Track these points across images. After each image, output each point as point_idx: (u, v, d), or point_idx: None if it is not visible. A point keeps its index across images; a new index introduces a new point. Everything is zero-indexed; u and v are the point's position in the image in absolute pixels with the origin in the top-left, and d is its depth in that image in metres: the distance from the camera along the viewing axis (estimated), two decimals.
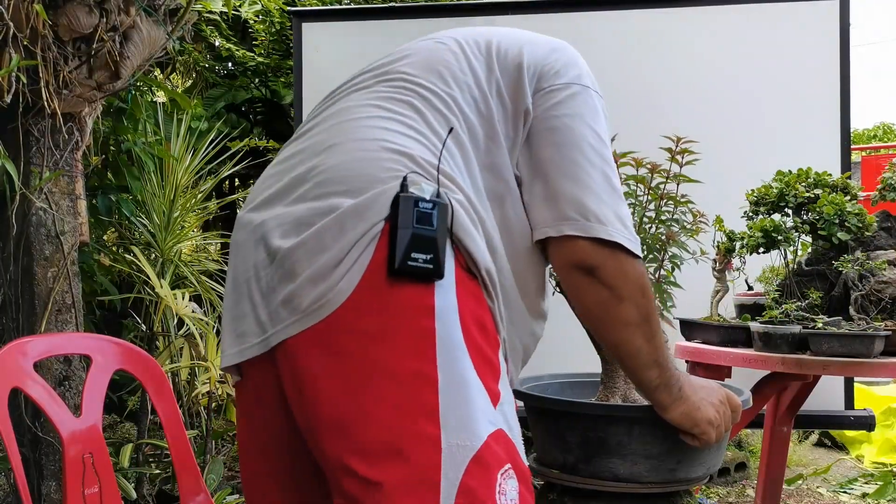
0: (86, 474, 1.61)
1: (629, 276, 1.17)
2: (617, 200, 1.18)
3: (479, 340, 1.03)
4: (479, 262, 1.07)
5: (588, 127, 1.20)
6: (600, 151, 1.19)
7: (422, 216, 1.00)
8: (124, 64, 2.39)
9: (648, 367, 1.23)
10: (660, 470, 1.38)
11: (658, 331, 1.23)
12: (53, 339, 1.86)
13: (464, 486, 0.96)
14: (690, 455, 1.38)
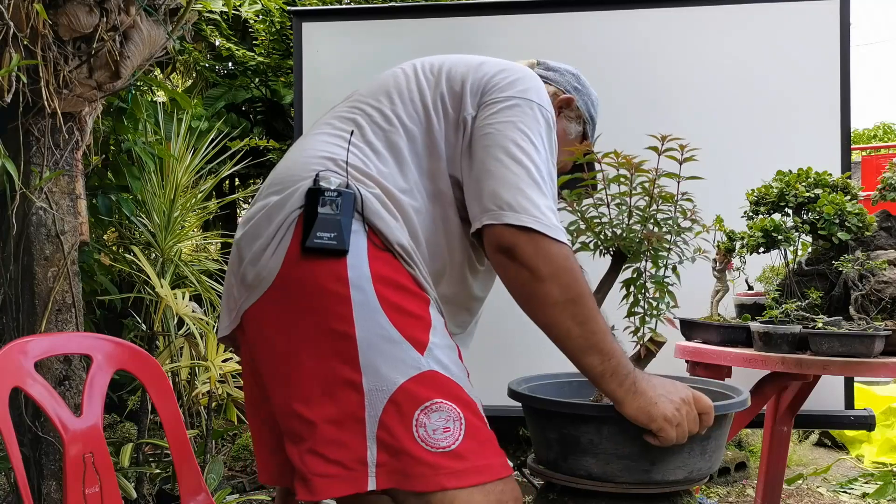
0: (86, 474, 1.61)
1: (548, 256, 1.25)
2: (537, 192, 1.28)
3: (397, 301, 1.24)
4: (391, 239, 1.27)
5: (518, 130, 1.33)
6: (526, 150, 1.31)
7: (326, 202, 1.23)
8: (124, 63, 2.39)
9: (585, 353, 1.27)
10: (633, 470, 1.37)
11: (592, 316, 1.27)
12: (54, 338, 1.86)
13: (382, 422, 1.20)
14: (664, 456, 1.36)
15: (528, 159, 1.30)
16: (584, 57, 2.96)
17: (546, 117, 1.38)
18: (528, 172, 1.29)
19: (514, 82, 1.39)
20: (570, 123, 1.63)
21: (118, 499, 1.66)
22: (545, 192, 1.29)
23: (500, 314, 2.93)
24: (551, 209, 1.29)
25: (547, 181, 1.32)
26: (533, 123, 1.35)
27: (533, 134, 1.33)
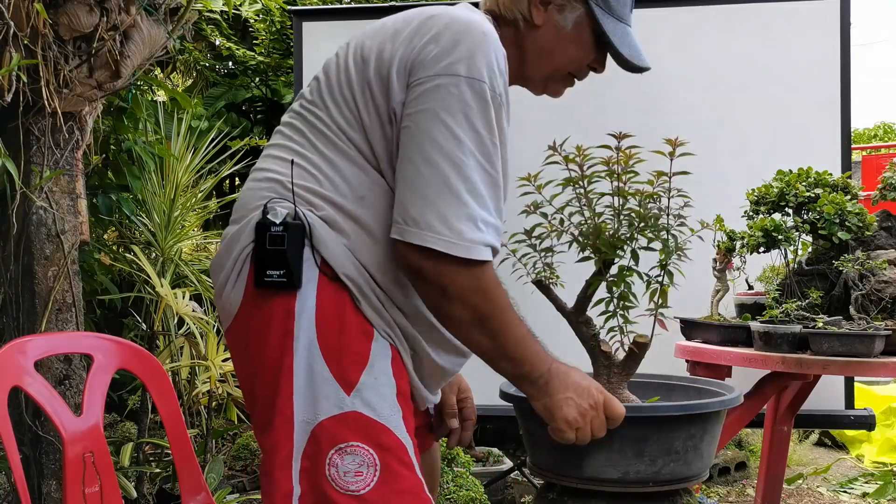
0: (86, 473, 1.60)
1: (453, 281, 1.20)
2: (450, 202, 1.18)
3: (334, 338, 1.22)
4: (337, 271, 1.23)
5: (439, 122, 1.19)
6: (445, 148, 1.18)
7: (275, 238, 1.21)
8: (125, 63, 2.39)
9: (497, 361, 1.29)
10: (563, 464, 1.44)
11: (504, 328, 1.26)
12: (54, 338, 1.86)
13: (305, 453, 1.21)
14: (588, 453, 1.39)
15: (446, 159, 1.18)
16: None
17: (480, 91, 1.20)
18: (443, 178, 1.18)
19: (443, 52, 1.21)
20: (563, 16, 1.37)
21: (118, 498, 1.66)
22: (464, 198, 1.18)
23: None
24: (469, 217, 1.18)
25: (473, 179, 1.19)
26: (459, 107, 1.19)
27: (457, 122, 1.19)
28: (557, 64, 1.41)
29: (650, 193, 1.54)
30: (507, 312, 1.27)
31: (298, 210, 1.24)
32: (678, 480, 1.44)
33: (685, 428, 1.42)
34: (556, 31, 1.38)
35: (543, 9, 1.37)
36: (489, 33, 1.26)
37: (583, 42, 1.39)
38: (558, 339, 1.55)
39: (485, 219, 1.21)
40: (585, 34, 1.38)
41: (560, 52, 1.40)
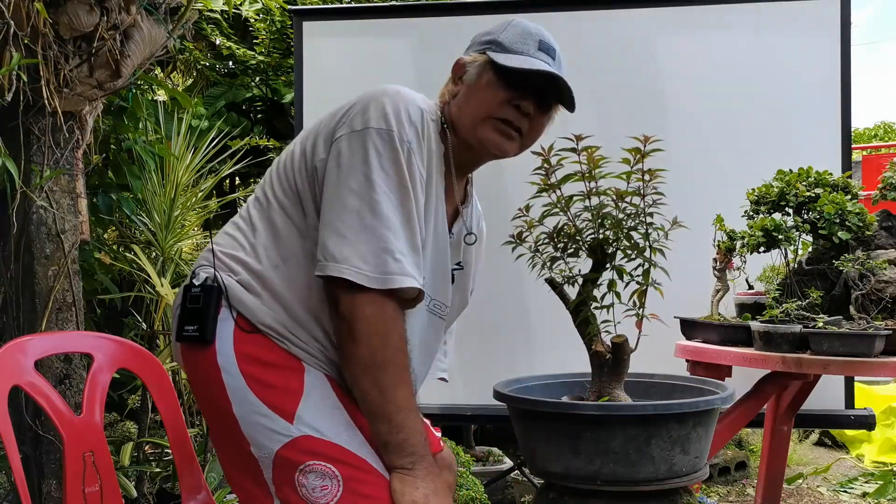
0: (86, 473, 1.60)
1: (363, 315, 1.27)
2: (364, 238, 1.27)
3: (263, 377, 1.33)
4: (255, 321, 1.35)
5: (353, 169, 1.31)
6: (358, 191, 1.29)
7: (194, 297, 1.36)
8: (125, 62, 2.39)
9: (376, 418, 1.30)
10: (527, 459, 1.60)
11: (393, 385, 1.28)
12: (54, 337, 1.85)
13: (275, 481, 1.32)
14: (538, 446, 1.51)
15: (360, 200, 1.29)
16: (585, 56, 2.96)
17: (388, 139, 1.32)
18: (359, 217, 1.28)
19: (357, 113, 1.36)
20: (468, 72, 1.48)
21: (118, 498, 1.65)
22: (379, 233, 1.28)
23: (500, 315, 2.94)
24: (384, 250, 1.27)
25: (387, 216, 1.29)
26: (370, 154, 1.31)
27: (369, 168, 1.30)
28: (473, 111, 1.46)
29: (622, 192, 1.55)
30: (404, 371, 1.30)
31: (217, 274, 1.37)
32: (622, 482, 1.47)
33: (622, 430, 1.44)
34: (467, 86, 1.48)
35: (458, 79, 1.51)
36: (402, 92, 1.39)
37: (487, 82, 1.45)
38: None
39: (401, 251, 1.29)
40: (487, 74, 1.46)
41: (471, 99, 1.47)
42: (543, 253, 1.64)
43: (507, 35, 1.48)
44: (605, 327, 1.58)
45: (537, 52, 1.47)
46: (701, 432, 1.50)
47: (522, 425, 1.59)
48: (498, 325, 2.94)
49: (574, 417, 1.46)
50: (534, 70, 1.42)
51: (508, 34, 1.49)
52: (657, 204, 1.55)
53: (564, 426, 1.47)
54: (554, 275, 1.63)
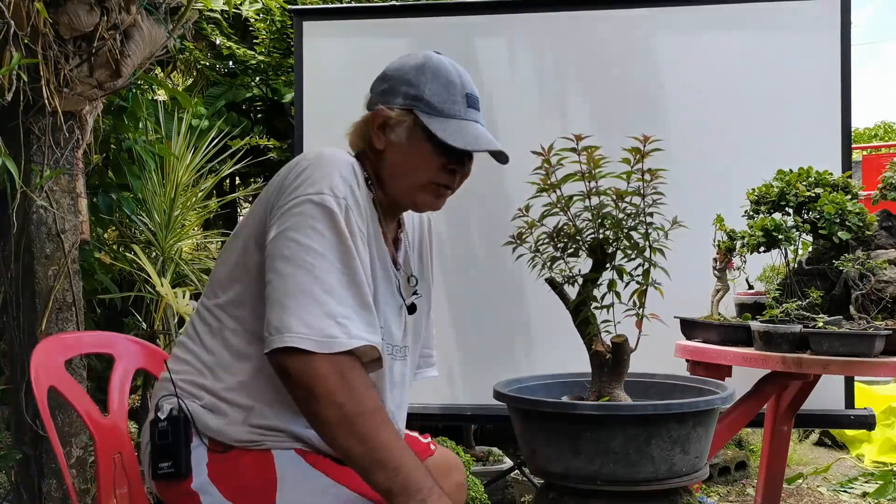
0: (116, 474, 1.59)
1: (317, 375, 1.23)
2: (305, 304, 1.24)
3: (240, 485, 1.33)
4: (227, 442, 1.35)
5: (288, 240, 1.29)
6: (294, 259, 1.27)
7: (162, 433, 1.34)
8: (125, 62, 2.39)
9: (370, 471, 1.23)
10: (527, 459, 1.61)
11: (374, 432, 1.23)
12: (83, 337, 1.85)
13: None
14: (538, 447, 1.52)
15: (298, 268, 1.26)
16: (584, 56, 2.96)
17: (322, 202, 1.30)
18: (298, 284, 1.25)
19: (290, 185, 1.34)
20: (396, 132, 1.44)
21: (143, 498, 1.63)
22: (319, 298, 1.25)
23: (501, 315, 2.95)
24: (327, 314, 1.24)
25: (327, 280, 1.27)
26: (305, 222, 1.29)
27: (305, 235, 1.28)
28: (411, 179, 1.45)
29: (622, 192, 1.55)
30: (377, 415, 1.25)
31: (181, 403, 1.36)
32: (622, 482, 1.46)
33: (622, 430, 1.44)
34: (397, 148, 1.44)
35: (381, 133, 1.45)
36: (332, 154, 1.38)
37: (422, 150, 1.43)
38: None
39: (345, 314, 1.26)
40: (421, 142, 1.43)
41: (405, 165, 1.45)
42: (543, 253, 1.64)
43: (433, 90, 1.43)
44: (605, 327, 1.58)
45: (468, 110, 1.45)
46: (701, 432, 1.50)
47: (522, 425, 1.59)
48: (498, 325, 2.94)
49: (574, 417, 1.46)
50: (480, 150, 1.43)
51: (434, 89, 1.43)
52: (657, 204, 1.55)
53: (564, 426, 1.47)
54: (554, 275, 1.63)
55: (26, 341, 2.37)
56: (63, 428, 2.37)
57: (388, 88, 1.46)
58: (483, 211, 2.96)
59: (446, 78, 1.44)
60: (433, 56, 1.47)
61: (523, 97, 2.97)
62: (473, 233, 2.98)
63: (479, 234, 2.98)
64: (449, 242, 2.98)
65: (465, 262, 2.97)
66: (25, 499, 2.39)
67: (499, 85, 2.97)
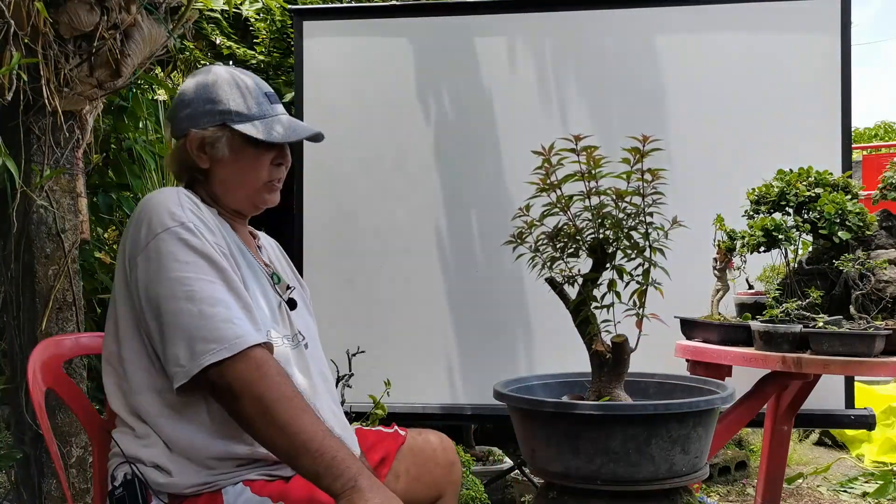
0: None
1: (234, 374, 1.26)
2: (198, 325, 1.28)
3: None
4: (182, 493, 1.35)
5: (156, 281, 1.32)
6: (171, 293, 1.30)
7: (119, 500, 1.35)
8: (125, 62, 2.39)
9: (295, 457, 1.25)
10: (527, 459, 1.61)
11: (293, 418, 1.25)
12: (81, 338, 1.84)
13: None
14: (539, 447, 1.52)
15: (175, 300, 1.30)
16: (584, 56, 2.96)
17: (171, 234, 1.34)
18: (182, 312, 1.29)
19: (135, 235, 1.38)
20: (217, 148, 1.49)
21: None
22: (209, 312, 1.28)
23: (501, 315, 2.95)
24: (224, 320, 1.28)
25: (208, 295, 1.30)
26: (163, 260, 1.33)
27: (169, 270, 1.32)
28: (247, 185, 1.52)
29: (622, 192, 1.54)
30: (295, 401, 1.27)
31: (132, 467, 1.37)
32: (622, 482, 1.46)
33: (622, 430, 1.44)
34: (224, 163, 1.50)
35: (202, 153, 1.50)
36: (159, 192, 1.42)
37: (248, 156, 1.50)
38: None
39: (238, 316, 1.30)
40: (244, 149, 1.50)
41: (240, 175, 1.51)
42: (543, 253, 1.64)
43: (236, 100, 1.50)
44: (605, 327, 1.58)
45: (272, 106, 1.53)
46: (701, 432, 1.50)
47: (522, 425, 1.59)
48: (498, 325, 2.94)
49: (574, 417, 1.46)
50: (301, 138, 1.52)
51: (236, 99, 1.50)
52: (657, 204, 1.55)
53: (564, 426, 1.47)
54: (554, 275, 1.63)
55: (26, 341, 2.37)
56: (63, 427, 2.37)
57: (192, 112, 1.50)
58: (483, 211, 2.96)
59: (242, 84, 1.52)
60: (218, 69, 1.54)
61: (523, 97, 2.97)
62: (473, 233, 2.98)
63: (479, 234, 2.98)
64: (449, 242, 2.98)
65: (466, 262, 2.97)
66: (26, 498, 2.39)
67: (499, 85, 2.98)
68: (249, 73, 1.57)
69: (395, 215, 3.00)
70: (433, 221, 2.99)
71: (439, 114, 3.01)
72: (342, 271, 3.02)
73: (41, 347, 1.61)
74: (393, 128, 3.03)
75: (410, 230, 3.00)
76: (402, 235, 3.00)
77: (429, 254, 2.99)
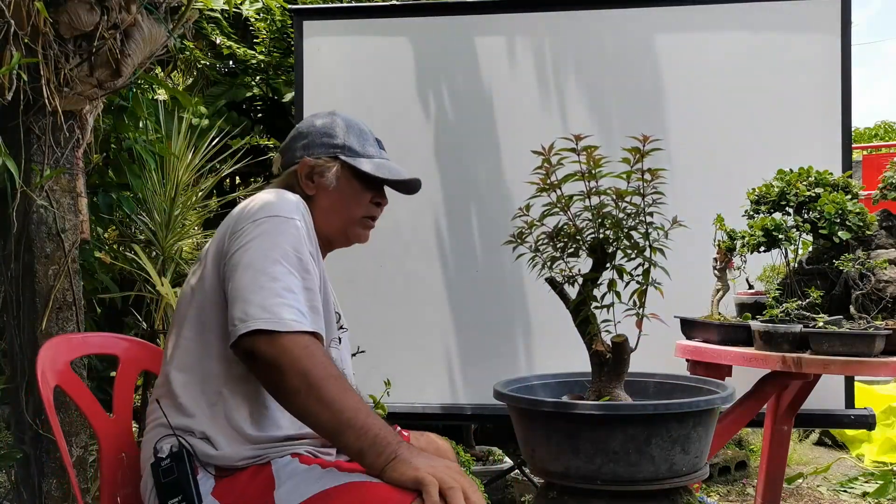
0: (122, 474, 1.59)
1: (282, 348, 1.29)
2: (265, 295, 1.32)
3: (243, 497, 1.36)
4: (230, 464, 1.38)
5: (251, 248, 1.38)
6: (258, 264, 1.35)
7: (166, 471, 1.37)
8: (125, 62, 2.39)
9: (339, 434, 1.28)
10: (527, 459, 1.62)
11: (339, 396, 1.28)
12: (88, 338, 1.85)
13: None
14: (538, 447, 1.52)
15: (259, 270, 1.34)
16: (584, 56, 2.96)
17: (283, 222, 1.41)
18: (259, 281, 1.34)
19: (252, 210, 1.44)
20: (326, 178, 1.59)
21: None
22: (279, 292, 1.33)
23: (501, 315, 2.95)
24: (286, 305, 1.32)
25: (286, 281, 1.35)
26: (267, 233, 1.39)
27: (266, 243, 1.38)
28: (345, 216, 1.61)
29: (622, 192, 1.55)
30: (341, 381, 1.31)
31: (179, 440, 1.40)
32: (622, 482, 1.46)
33: (622, 429, 1.44)
34: (329, 192, 1.59)
35: (310, 181, 1.60)
36: (284, 192, 1.51)
37: (353, 189, 1.60)
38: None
39: (301, 310, 1.34)
40: (350, 181, 1.60)
41: (339, 204, 1.60)
42: (544, 253, 1.64)
43: (350, 138, 1.61)
44: (605, 327, 1.58)
45: (380, 151, 1.66)
46: (701, 432, 1.50)
47: (522, 425, 1.59)
48: (498, 325, 2.94)
49: (574, 417, 1.46)
50: (412, 179, 1.63)
51: (351, 137, 1.62)
52: (657, 203, 1.55)
53: (564, 426, 1.47)
54: (554, 274, 1.63)
55: (26, 341, 2.37)
56: (63, 427, 2.37)
57: (309, 143, 1.61)
58: (483, 211, 2.97)
59: (358, 128, 1.65)
60: (339, 113, 1.67)
61: (523, 97, 2.97)
62: (473, 233, 2.98)
63: (479, 234, 2.98)
64: (449, 242, 2.98)
65: (465, 261, 2.97)
66: (26, 498, 2.39)
67: (499, 84, 2.98)
68: (363, 121, 1.69)
69: (396, 215, 3.00)
70: (433, 221, 3.00)
71: (439, 113, 3.01)
72: (342, 271, 3.02)
73: (50, 345, 1.61)
74: (393, 128, 3.03)
75: (411, 230, 3.00)
76: (403, 235, 3.00)
77: (429, 254, 2.99)
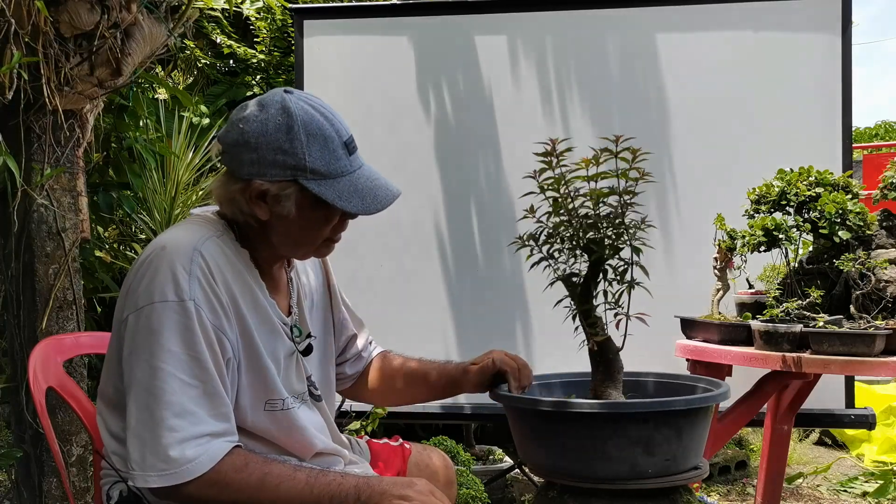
0: None
1: (191, 497, 1.24)
2: (158, 435, 1.22)
3: None
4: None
5: (136, 361, 1.25)
6: (145, 384, 1.24)
7: None
8: (126, 61, 2.38)
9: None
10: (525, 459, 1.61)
11: (279, 483, 1.25)
12: (81, 338, 1.84)
13: None
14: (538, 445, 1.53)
15: (147, 394, 1.23)
16: (584, 55, 2.96)
17: (163, 309, 1.24)
18: (149, 412, 1.23)
19: (127, 292, 1.30)
20: (282, 206, 1.33)
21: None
22: (171, 424, 1.22)
23: (500, 314, 2.95)
24: (180, 441, 1.22)
25: (177, 402, 1.23)
26: (147, 338, 1.24)
27: (150, 354, 1.24)
28: (305, 242, 1.40)
29: (601, 193, 1.54)
30: (265, 485, 1.26)
31: (127, 485, 1.33)
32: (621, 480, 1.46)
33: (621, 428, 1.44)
34: (286, 219, 1.35)
35: (262, 203, 1.34)
36: (170, 245, 1.29)
37: (314, 217, 1.36)
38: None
39: (200, 433, 1.24)
40: (312, 208, 1.34)
41: (299, 234, 1.38)
42: (546, 252, 1.63)
43: (313, 155, 1.31)
44: (606, 325, 1.58)
45: (350, 160, 1.36)
46: (700, 430, 1.50)
47: (519, 425, 1.59)
48: (498, 325, 2.94)
49: (571, 416, 1.46)
50: (382, 209, 1.38)
51: (314, 153, 1.31)
52: (632, 204, 1.54)
53: (561, 425, 1.47)
54: (559, 274, 1.63)
55: (27, 339, 2.37)
56: (63, 426, 2.37)
57: (259, 158, 1.30)
58: (483, 211, 2.97)
59: (321, 134, 1.32)
60: (292, 106, 1.32)
61: (523, 96, 2.97)
62: (474, 232, 2.98)
63: (479, 233, 2.98)
64: (449, 242, 2.98)
65: (466, 261, 2.97)
66: (26, 497, 2.39)
67: (499, 84, 2.97)
68: (327, 108, 1.36)
69: (396, 215, 2.99)
70: (433, 221, 2.99)
71: (439, 113, 3.01)
72: (342, 271, 3.02)
73: (41, 346, 1.61)
74: (393, 127, 3.03)
75: (411, 230, 3.00)
76: (403, 235, 3.00)
77: (429, 253, 2.99)
